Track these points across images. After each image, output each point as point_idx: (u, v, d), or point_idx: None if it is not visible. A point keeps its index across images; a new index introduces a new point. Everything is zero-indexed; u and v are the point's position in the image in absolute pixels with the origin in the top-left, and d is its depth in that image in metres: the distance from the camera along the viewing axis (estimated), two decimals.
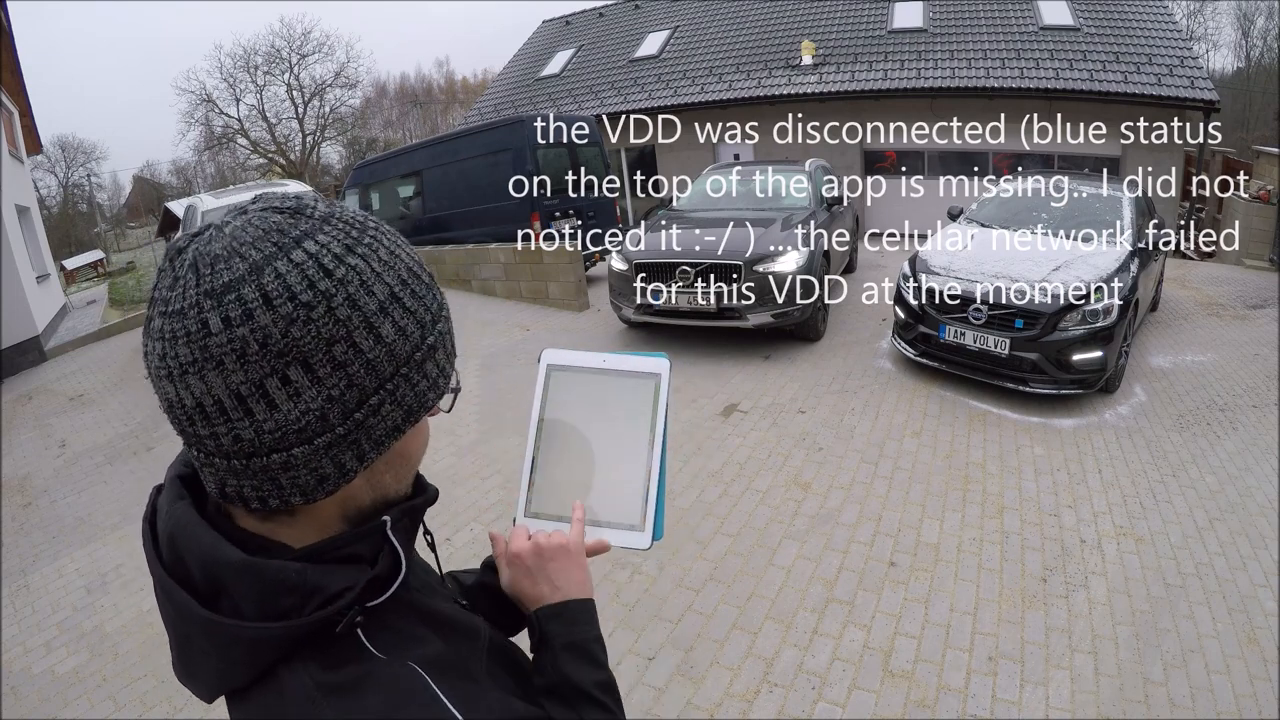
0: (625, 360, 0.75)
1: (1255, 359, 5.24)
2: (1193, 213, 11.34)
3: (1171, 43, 11.07)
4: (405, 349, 0.52)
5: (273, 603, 0.49)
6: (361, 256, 0.51)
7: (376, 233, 0.54)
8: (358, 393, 0.50)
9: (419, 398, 0.55)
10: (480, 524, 3.41)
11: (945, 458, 3.84)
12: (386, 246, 0.53)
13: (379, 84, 40.47)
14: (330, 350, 0.48)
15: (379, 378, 0.51)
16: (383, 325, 0.51)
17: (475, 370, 5.60)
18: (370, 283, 0.50)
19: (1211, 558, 2.95)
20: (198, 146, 30.80)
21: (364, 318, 0.49)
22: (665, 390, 0.74)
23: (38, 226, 11.37)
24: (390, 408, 0.52)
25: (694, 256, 5.31)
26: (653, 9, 16.79)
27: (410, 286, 0.54)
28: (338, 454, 0.50)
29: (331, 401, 0.49)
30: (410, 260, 0.55)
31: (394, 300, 0.52)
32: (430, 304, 0.56)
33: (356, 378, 0.50)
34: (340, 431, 0.50)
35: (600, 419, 0.74)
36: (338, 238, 0.51)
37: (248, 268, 0.47)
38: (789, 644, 2.55)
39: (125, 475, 4.56)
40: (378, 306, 0.50)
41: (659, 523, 0.72)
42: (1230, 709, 2.21)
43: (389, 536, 0.55)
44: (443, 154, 8.94)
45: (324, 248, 0.49)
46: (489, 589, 0.82)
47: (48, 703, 2.66)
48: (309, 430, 0.49)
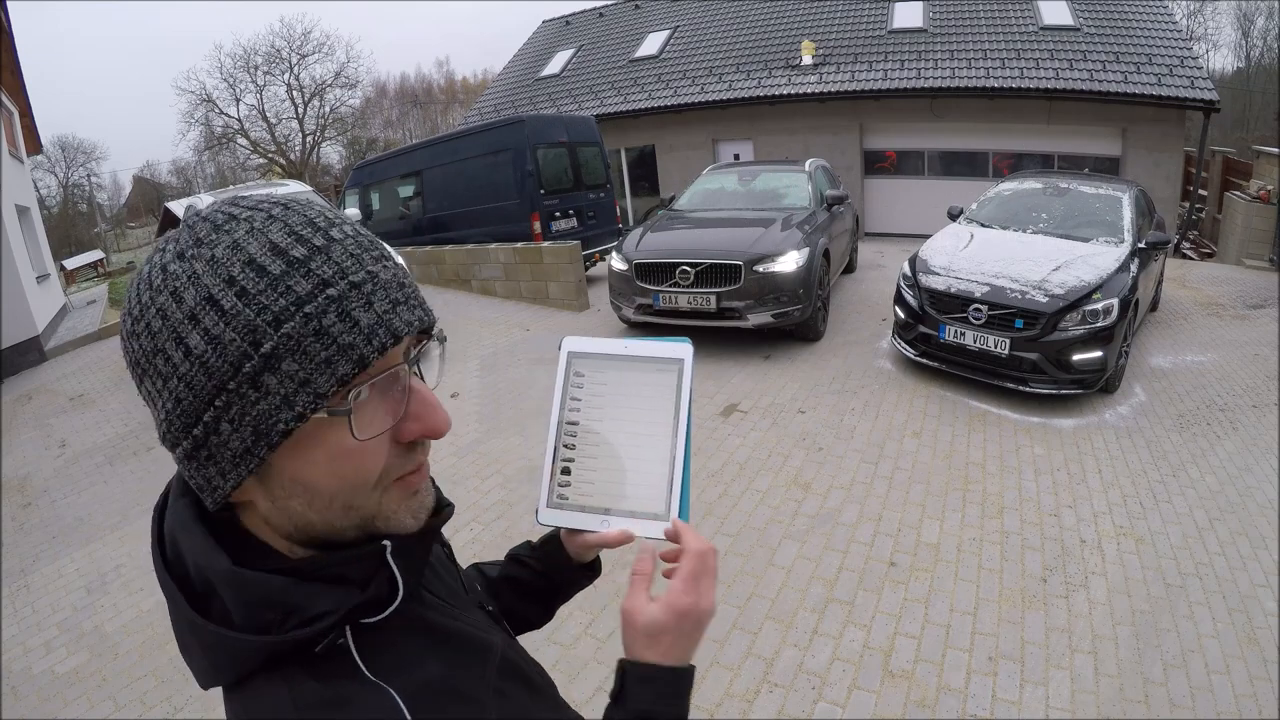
0: (647, 346, 0.73)
1: (1255, 359, 5.24)
2: (1193, 213, 11.34)
3: (1171, 43, 11.06)
4: (222, 361, 0.45)
5: (254, 615, 0.48)
6: (189, 259, 0.47)
7: (230, 226, 0.48)
8: (187, 407, 0.47)
9: (263, 418, 0.46)
10: (480, 524, 3.42)
11: (945, 458, 3.84)
12: (235, 239, 0.47)
13: (379, 84, 40.55)
14: (153, 363, 0.47)
15: (201, 394, 0.46)
16: (190, 336, 0.45)
17: (475, 370, 5.61)
18: (181, 289, 0.46)
19: (1211, 558, 2.95)
20: (198, 146, 30.84)
21: (171, 329, 0.46)
22: (689, 376, 0.72)
23: (38, 226, 11.37)
24: (229, 427, 0.47)
25: (694, 256, 5.31)
26: (653, 9, 16.78)
27: (238, 284, 0.45)
28: (200, 467, 0.49)
29: (170, 415, 0.48)
30: (260, 248, 0.47)
31: (207, 305, 0.45)
32: (269, 301, 0.45)
33: (180, 393, 0.47)
34: (187, 446, 0.48)
35: (623, 406, 0.73)
36: (177, 244, 0.48)
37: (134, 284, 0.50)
38: (789, 644, 2.55)
39: (125, 475, 4.56)
40: (185, 315, 0.45)
41: (684, 512, 0.70)
42: (1230, 709, 2.21)
43: (389, 562, 0.53)
44: (443, 154, 8.94)
45: (160, 254, 0.48)
46: (514, 581, 0.82)
47: (48, 703, 2.66)
48: (171, 435, 0.49)
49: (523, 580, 0.82)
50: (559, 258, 7.12)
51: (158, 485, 0.58)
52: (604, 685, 2.40)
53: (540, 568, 0.82)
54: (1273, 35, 25.94)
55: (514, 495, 3.66)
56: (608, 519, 0.71)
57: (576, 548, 0.78)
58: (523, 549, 0.85)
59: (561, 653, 2.55)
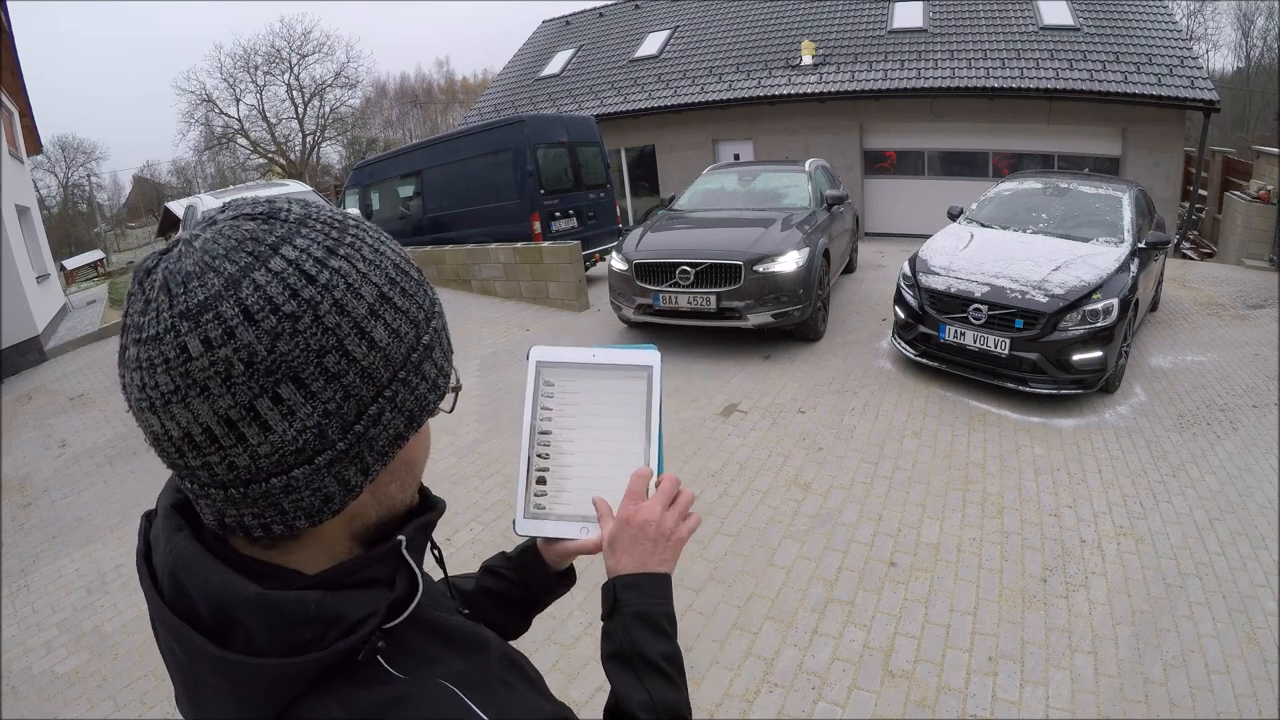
0: (615, 354, 0.74)
1: (1255, 359, 5.24)
2: (1193, 213, 11.34)
3: (1171, 43, 11.07)
4: (400, 351, 0.50)
5: (291, 636, 0.46)
6: (345, 258, 0.48)
7: (358, 230, 0.51)
8: (355, 404, 0.47)
9: (420, 401, 0.52)
10: (480, 524, 3.41)
11: (945, 458, 3.84)
12: (370, 244, 0.50)
13: (379, 84, 40.58)
14: (322, 362, 0.45)
15: (376, 385, 0.48)
16: (375, 329, 0.47)
17: (475, 370, 5.61)
18: (357, 285, 0.47)
19: (1211, 558, 2.95)
20: (198, 146, 30.87)
21: (354, 323, 0.46)
22: (658, 382, 0.73)
23: (38, 226, 11.38)
24: (391, 415, 0.50)
25: (694, 256, 5.30)
26: (653, 9, 16.79)
27: (400, 284, 0.51)
28: (341, 470, 0.48)
29: (329, 416, 0.46)
30: (396, 256, 0.52)
31: (384, 301, 0.49)
32: (422, 301, 0.53)
33: (353, 388, 0.47)
34: (341, 447, 0.47)
35: (594, 415, 0.74)
36: (318, 240, 0.47)
37: (223, 282, 0.43)
38: (789, 644, 2.55)
39: (125, 475, 4.56)
40: (367, 310, 0.47)
41: None
42: (1230, 709, 2.21)
43: (404, 556, 0.53)
44: (443, 154, 8.94)
45: (304, 252, 0.46)
46: (491, 593, 0.82)
47: (48, 703, 2.66)
48: (308, 449, 0.46)
49: (500, 591, 0.82)
50: (559, 258, 7.12)
51: (158, 485, 0.57)
52: (604, 685, 2.39)
53: (517, 578, 0.82)
54: (1273, 35, 25.96)
55: (513, 495, 3.65)
56: (586, 526, 0.73)
57: (554, 556, 0.79)
58: (497, 560, 0.85)
59: (561, 653, 2.55)
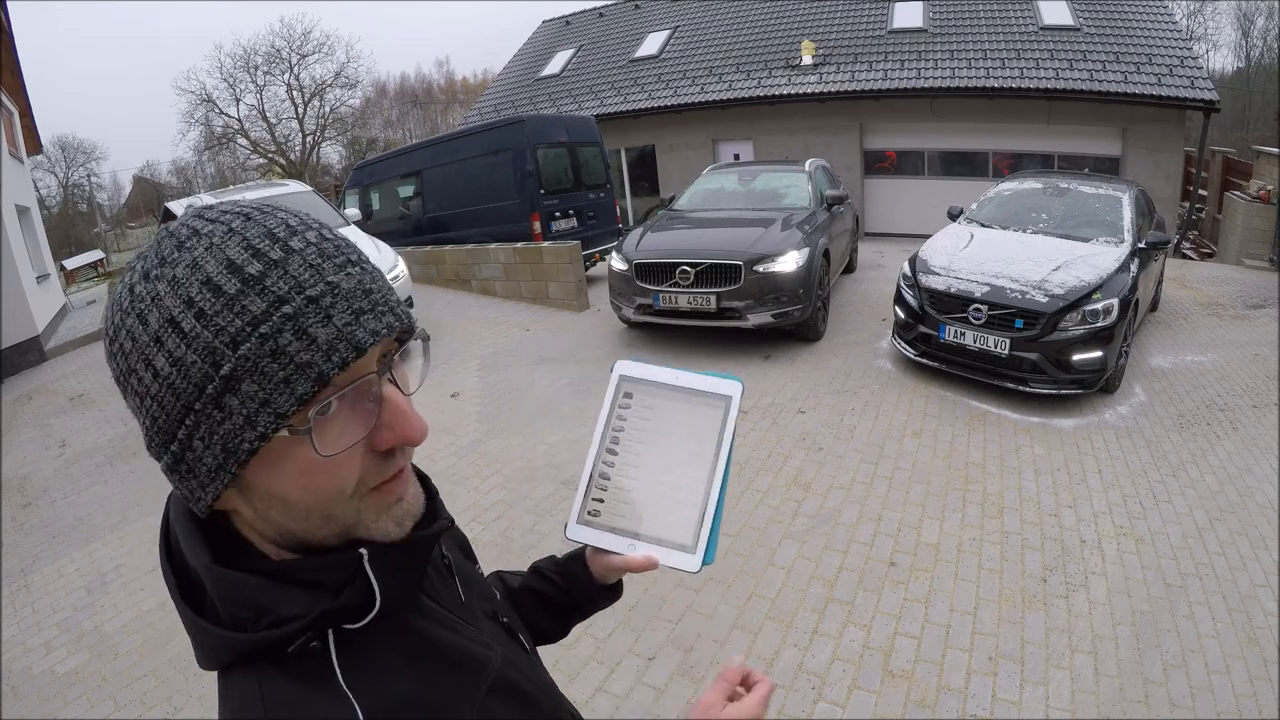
0: (698, 380, 0.74)
1: (1255, 359, 5.24)
2: (1193, 213, 11.34)
3: (1171, 43, 11.07)
4: (187, 383, 0.46)
5: (232, 611, 0.50)
6: (154, 280, 0.47)
7: (191, 243, 0.47)
8: (163, 425, 0.48)
9: (229, 437, 0.47)
10: (480, 524, 3.41)
11: (945, 458, 3.84)
12: (193, 258, 0.47)
13: (379, 84, 40.50)
14: (129, 381, 0.49)
15: (171, 414, 0.47)
16: (156, 358, 0.46)
17: (475, 370, 5.61)
18: (146, 312, 0.46)
19: (1211, 558, 2.95)
20: (198, 146, 30.80)
21: (139, 350, 0.47)
22: (735, 414, 0.73)
23: (38, 226, 11.37)
24: (201, 445, 0.48)
25: (694, 256, 5.31)
26: (653, 9, 16.78)
27: (197, 306, 0.45)
28: (181, 479, 0.51)
29: (149, 430, 0.50)
30: (216, 268, 0.46)
31: (170, 327, 0.46)
32: (225, 322, 0.45)
33: (154, 412, 0.48)
34: (168, 459, 0.50)
35: (666, 436, 0.73)
36: (145, 262, 0.48)
37: (113, 299, 0.50)
38: (789, 644, 2.55)
39: (125, 475, 4.56)
40: (151, 337, 0.46)
41: (712, 547, 0.70)
42: (1230, 709, 2.21)
43: (365, 569, 0.52)
44: (443, 154, 8.94)
45: (130, 274, 0.49)
46: (535, 594, 0.83)
47: (48, 703, 2.65)
48: (153, 450, 0.51)
49: (544, 593, 0.83)
50: (559, 258, 7.12)
51: (158, 485, 0.59)
52: (604, 685, 2.40)
53: (563, 583, 0.82)
54: (1273, 35, 25.95)
55: (514, 495, 3.66)
56: (635, 543, 0.71)
57: (600, 568, 0.78)
58: (546, 563, 0.85)
59: (562, 653, 2.55)
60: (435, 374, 5.50)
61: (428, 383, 0.57)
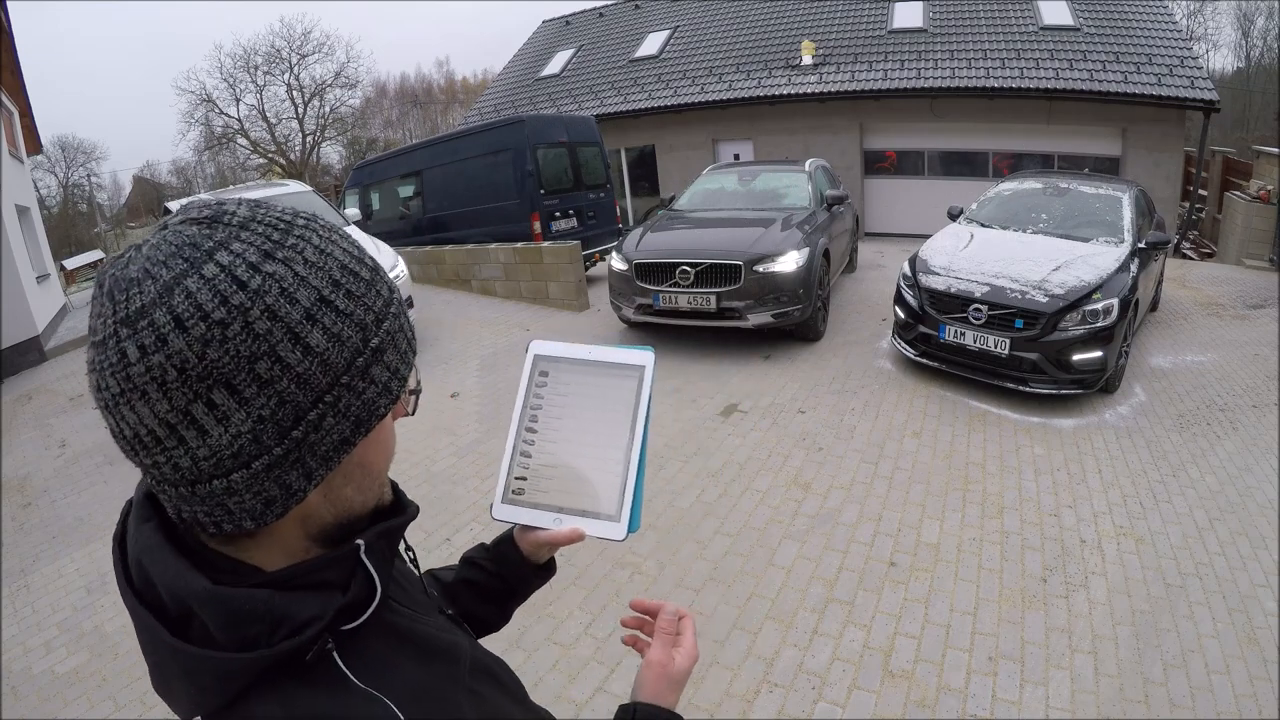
0: (611, 352, 0.76)
1: (1255, 359, 5.24)
2: (1193, 213, 11.34)
3: (1171, 43, 11.07)
4: (342, 356, 0.49)
5: (240, 631, 0.47)
6: (282, 261, 0.47)
7: (305, 231, 0.50)
8: (292, 409, 0.47)
9: (367, 406, 0.51)
10: (480, 524, 3.41)
11: (945, 458, 3.84)
12: (315, 245, 0.50)
13: (379, 84, 40.51)
14: (254, 368, 0.45)
15: (314, 391, 0.47)
16: (310, 334, 0.47)
17: (475, 370, 5.60)
18: (292, 289, 0.47)
19: (1211, 558, 2.95)
20: (198, 146, 30.81)
21: (287, 328, 0.46)
22: (649, 383, 0.74)
23: (38, 226, 11.37)
24: (333, 420, 0.49)
25: (694, 256, 5.30)
26: (653, 9, 16.78)
27: (344, 287, 0.50)
28: (281, 475, 0.48)
29: (263, 422, 0.46)
30: (345, 257, 0.51)
31: (323, 305, 0.48)
32: (371, 302, 0.52)
33: (288, 394, 0.46)
34: (278, 452, 0.47)
35: (583, 410, 0.75)
36: (255, 244, 0.47)
37: (159, 289, 0.44)
38: (789, 644, 2.55)
39: (125, 475, 4.56)
40: (303, 314, 0.47)
41: (635, 515, 0.72)
42: (1230, 709, 2.21)
43: (363, 561, 0.53)
44: (443, 154, 8.95)
45: (239, 257, 0.46)
46: (470, 584, 0.83)
47: (48, 703, 2.65)
48: (244, 454, 0.46)
49: (478, 582, 0.82)
50: (559, 258, 7.12)
51: None
52: (603, 685, 2.40)
53: (494, 569, 0.82)
54: (1273, 35, 25.95)
55: None
56: (561, 517, 0.73)
57: (530, 546, 0.79)
58: (476, 551, 0.85)
59: (561, 653, 2.55)
60: (435, 374, 5.50)
61: (428, 383, 0.59)
